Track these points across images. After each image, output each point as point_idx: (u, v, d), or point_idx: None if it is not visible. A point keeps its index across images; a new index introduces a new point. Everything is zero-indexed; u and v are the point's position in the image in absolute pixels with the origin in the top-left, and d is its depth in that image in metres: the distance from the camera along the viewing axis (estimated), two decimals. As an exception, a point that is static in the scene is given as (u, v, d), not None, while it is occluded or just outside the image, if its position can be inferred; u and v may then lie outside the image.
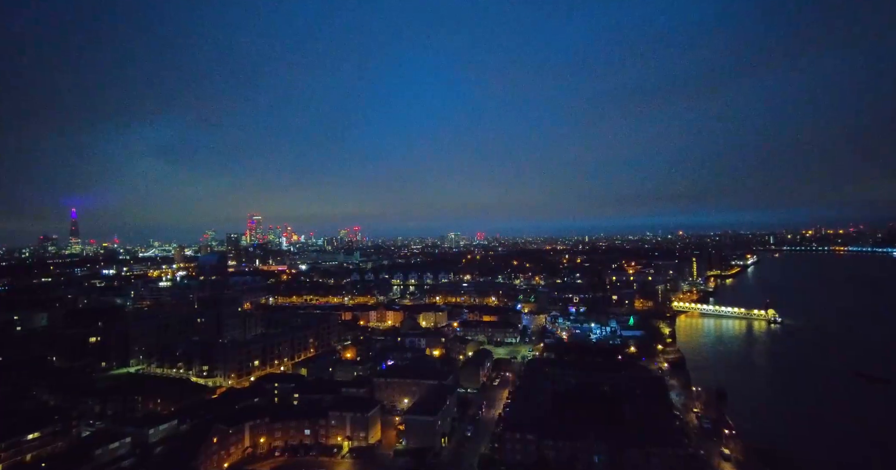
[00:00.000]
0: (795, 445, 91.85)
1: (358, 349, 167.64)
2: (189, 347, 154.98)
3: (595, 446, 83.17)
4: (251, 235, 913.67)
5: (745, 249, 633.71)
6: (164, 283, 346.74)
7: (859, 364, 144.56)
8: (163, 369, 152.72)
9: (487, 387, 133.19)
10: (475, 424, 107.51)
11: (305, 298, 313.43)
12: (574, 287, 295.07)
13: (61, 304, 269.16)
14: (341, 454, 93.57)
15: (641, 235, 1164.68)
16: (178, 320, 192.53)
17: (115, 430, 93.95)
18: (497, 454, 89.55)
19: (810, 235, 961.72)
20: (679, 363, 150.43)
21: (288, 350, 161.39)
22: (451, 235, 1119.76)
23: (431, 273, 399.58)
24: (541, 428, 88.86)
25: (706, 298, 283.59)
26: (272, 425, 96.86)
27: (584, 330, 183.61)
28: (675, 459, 79.82)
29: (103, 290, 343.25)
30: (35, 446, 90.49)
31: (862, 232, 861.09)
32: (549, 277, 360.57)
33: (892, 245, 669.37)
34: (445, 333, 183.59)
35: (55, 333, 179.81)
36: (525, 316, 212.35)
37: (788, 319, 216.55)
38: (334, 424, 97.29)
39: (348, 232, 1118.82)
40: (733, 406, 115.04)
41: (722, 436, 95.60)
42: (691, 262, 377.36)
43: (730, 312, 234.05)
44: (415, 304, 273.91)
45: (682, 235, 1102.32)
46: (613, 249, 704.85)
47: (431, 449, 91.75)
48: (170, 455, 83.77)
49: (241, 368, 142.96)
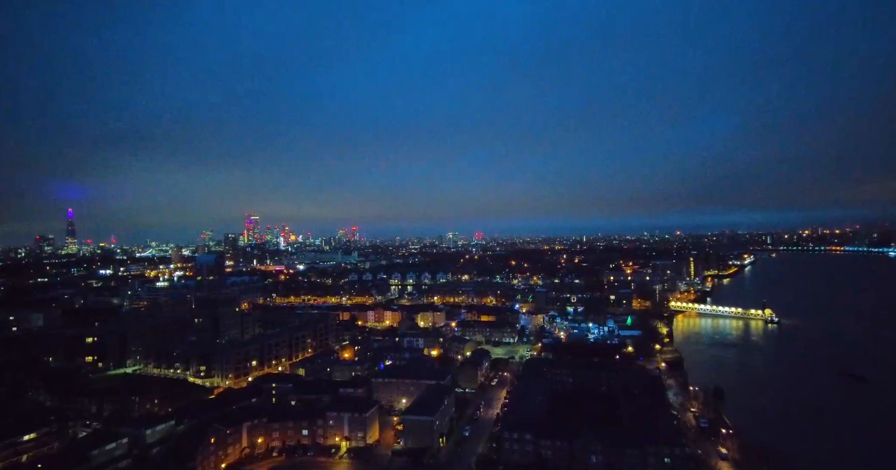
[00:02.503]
0: (792, 444, 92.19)
1: (356, 349, 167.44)
2: (186, 347, 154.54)
3: (592, 446, 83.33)
4: (249, 235, 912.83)
5: (742, 249, 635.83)
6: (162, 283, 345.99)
7: (849, 364, 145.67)
8: (160, 370, 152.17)
9: (485, 387, 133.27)
10: (473, 424, 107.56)
11: (303, 298, 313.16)
12: (572, 287, 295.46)
13: (57, 304, 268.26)
14: (339, 455, 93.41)
15: (639, 235, 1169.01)
16: (175, 321, 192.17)
17: (112, 431, 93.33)
18: (495, 454, 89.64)
19: (807, 235, 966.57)
20: (676, 363, 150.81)
21: (286, 350, 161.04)
22: (449, 234, 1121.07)
23: (429, 273, 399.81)
24: (538, 428, 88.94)
25: (703, 298, 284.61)
26: (270, 426, 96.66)
27: (582, 330, 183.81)
28: (673, 459, 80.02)
29: (100, 290, 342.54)
30: (30, 447, 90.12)
31: (857, 232, 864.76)
32: (547, 277, 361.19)
33: (887, 245, 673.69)
34: (443, 333, 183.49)
35: (51, 333, 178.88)
36: (523, 316, 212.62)
37: (785, 318, 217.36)
38: (332, 424, 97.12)
39: (346, 232, 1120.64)
40: (730, 406, 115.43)
41: (719, 435, 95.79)
42: (689, 262, 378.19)
43: (727, 311, 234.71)
44: (413, 304, 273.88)
45: (679, 235, 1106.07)
46: (611, 249, 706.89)
47: (429, 449, 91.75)
48: (167, 456, 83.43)
49: (238, 369, 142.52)
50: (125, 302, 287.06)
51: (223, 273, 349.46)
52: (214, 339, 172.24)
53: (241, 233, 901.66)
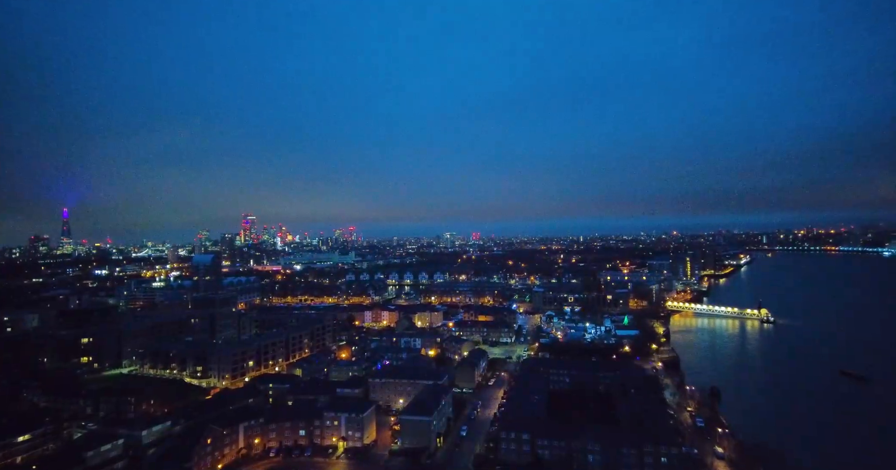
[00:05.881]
0: (788, 443, 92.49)
1: (353, 350, 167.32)
2: (183, 347, 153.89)
3: (590, 446, 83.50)
4: (245, 235, 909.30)
5: (738, 249, 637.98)
6: (158, 283, 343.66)
7: (846, 363, 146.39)
8: (156, 370, 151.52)
9: (483, 387, 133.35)
10: (470, 423, 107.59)
11: (300, 298, 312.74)
12: (569, 287, 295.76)
13: (53, 304, 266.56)
14: (336, 455, 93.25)
15: (636, 235, 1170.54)
16: (171, 321, 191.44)
17: (108, 431, 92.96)
18: (492, 454, 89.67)
19: (802, 235, 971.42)
20: (673, 362, 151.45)
21: (282, 351, 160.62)
22: (447, 234, 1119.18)
23: (427, 273, 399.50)
24: (536, 428, 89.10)
25: (700, 298, 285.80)
26: (267, 426, 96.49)
27: (579, 330, 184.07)
28: (670, 458, 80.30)
29: (95, 290, 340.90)
30: (25, 449, 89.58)
31: (852, 232, 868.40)
32: (544, 276, 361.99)
33: (881, 245, 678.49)
34: (441, 333, 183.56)
35: (46, 334, 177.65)
36: (520, 316, 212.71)
37: (781, 318, 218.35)
38: (329, 424, 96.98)
39: (343, 232, 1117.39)
40: (727, 405, 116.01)
41: (716, 434, 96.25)
42: (685, 261, 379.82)
43: (723, 311, 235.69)
44: (410, 304, 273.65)
45: (675, 235, 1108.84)
46: (608, 249, 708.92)
47: (427, 449, 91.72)
48: (163, 457, 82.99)
49: (235, 369, 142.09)
50: (121, 302, 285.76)
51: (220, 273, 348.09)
52: (211, 339, 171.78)
53: (238, 233, 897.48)
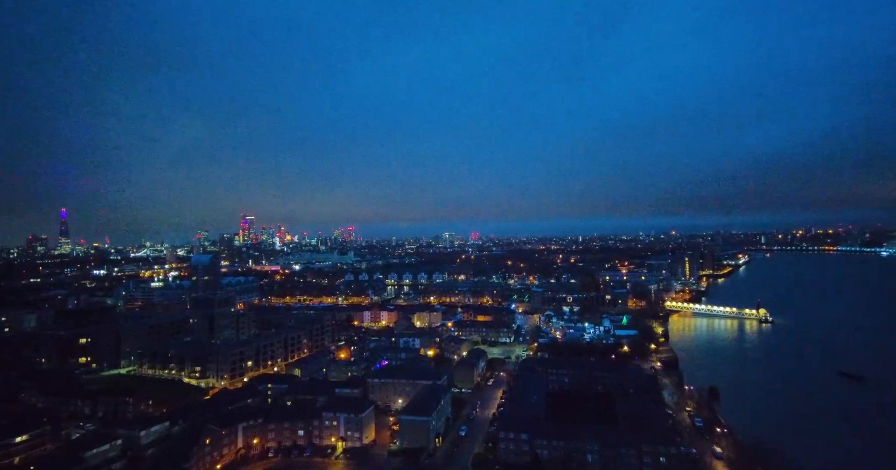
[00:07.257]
0: (786, 443, 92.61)
1: (352, 350, 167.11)
2: (181, 347, 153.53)
3: (588, 445, 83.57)
4: (244, 236, 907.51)
5: (736, 249, 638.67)
6: (156, 283, 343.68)
7: (844, 363, 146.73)
8: (154, 371, 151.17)
9: (482, 387, 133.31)
10: (469, 423, 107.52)
11: (299, 298, 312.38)
12: (568, 287, 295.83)
13: (51, 305, 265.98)
14: (335, 455, 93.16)
15: (634, 235, 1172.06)
16: (170, 321, 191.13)
17: (106, 432, 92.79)
18: (491, 454, 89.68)
19: (801, 235, 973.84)
20: (672, 362, 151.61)
21: (281, 351, 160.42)
22: (446, 235, 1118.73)
23: (426, 273, 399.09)
24: (535, 427, 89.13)
25: (698, 298, 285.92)
26: (265, 426, 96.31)
27: (578, 329, 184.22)
28: (669, 458, 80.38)
29: (93, 290, 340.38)
30: (23, 449, 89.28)
31: (850, 232, 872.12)
32: (543, 277, 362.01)
33: (879, 245, 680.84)
34: (440, 333, 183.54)
35: (44, 334, 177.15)
36: (519, 316, 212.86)
37: (779, 318, 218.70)
38: (328, 424, 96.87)
39: (342, 232, 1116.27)
40: (725, 405, 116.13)
41: (714, 434, 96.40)
42: (684, 262, 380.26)
43: (722, 311, 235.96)
44: (409, 304, 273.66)
45: (674, 235, 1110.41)
46: (607, 250, 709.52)
47: (425, 449, 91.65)
48: (161, 457, 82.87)
49: (234, 369, 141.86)
50: (119, 302, 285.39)
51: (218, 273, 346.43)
52: (209, 339, 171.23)
53: (237, 233, 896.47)
